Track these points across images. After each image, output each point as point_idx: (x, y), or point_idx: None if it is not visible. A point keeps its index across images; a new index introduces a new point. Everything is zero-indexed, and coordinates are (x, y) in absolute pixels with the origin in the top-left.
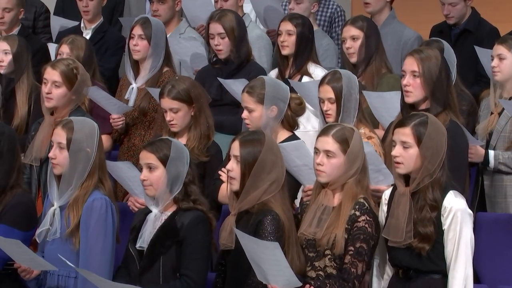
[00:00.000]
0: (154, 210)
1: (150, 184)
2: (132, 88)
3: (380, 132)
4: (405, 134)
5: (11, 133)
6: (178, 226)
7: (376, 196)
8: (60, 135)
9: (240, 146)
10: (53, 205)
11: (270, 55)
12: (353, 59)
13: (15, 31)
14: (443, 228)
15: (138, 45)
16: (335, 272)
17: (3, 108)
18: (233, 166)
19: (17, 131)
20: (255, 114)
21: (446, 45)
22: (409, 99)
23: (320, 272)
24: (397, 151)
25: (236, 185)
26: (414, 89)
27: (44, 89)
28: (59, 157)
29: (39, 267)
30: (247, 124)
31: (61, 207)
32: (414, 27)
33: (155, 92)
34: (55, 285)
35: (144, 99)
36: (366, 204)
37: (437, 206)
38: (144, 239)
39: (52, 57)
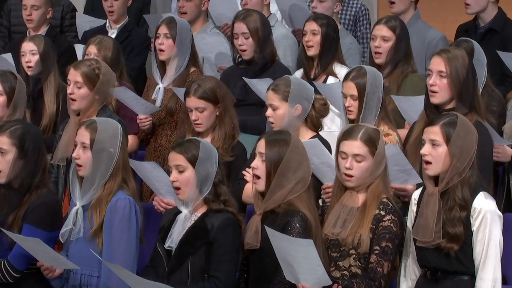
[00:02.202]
0: (184, 211)
1: (180, 186)
2: (159, 88)
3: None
4: (434, 132)
5: (37, 132)
6: (208, 227)
7: (400, 195)
8: (83, 135)
9: (266, 145)
10: (75, 205)
11: (295, 54)
12: (379, 60)
13: (43, 31)
14: (472, 229)
15: (163, 44)
16: (360, 272)
17: (32, 108)
18: (258, 164)
19: (45, 130)
20: (279, 112)
21: (476, 45)
22: (435, 100)
23: (345, 272)
24: (426, 149)
25: (261, 185)
26: (440, 90)
27: (68, 90)
28: (83, 157)
29: (61, 266)
30: (271, 122)
31: (84, 206)
32: (440, 27)
33: (180, 92)
34: (78, 284)
35: (172, 99)
36: (390, 204)
37: (466, 206)
38: (173, 239)
39: (79, 58)
